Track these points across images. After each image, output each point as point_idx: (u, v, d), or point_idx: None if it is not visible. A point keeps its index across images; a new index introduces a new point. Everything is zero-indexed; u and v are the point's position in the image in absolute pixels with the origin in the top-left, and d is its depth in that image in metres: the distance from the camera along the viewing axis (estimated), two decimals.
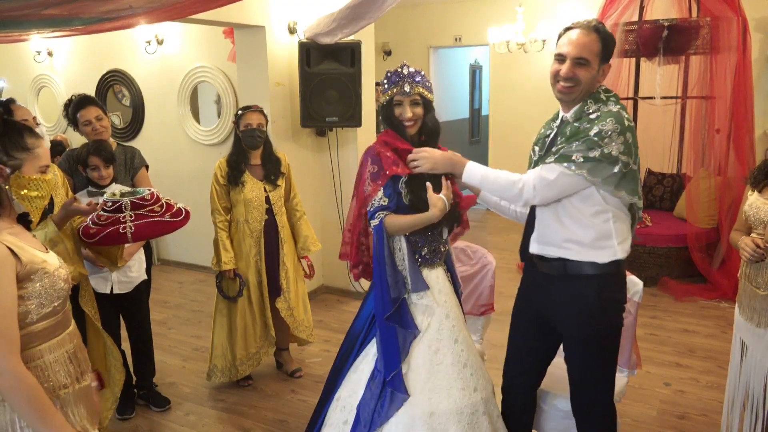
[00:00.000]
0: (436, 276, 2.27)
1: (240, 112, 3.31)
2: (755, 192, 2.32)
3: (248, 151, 3.32)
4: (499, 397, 2.39)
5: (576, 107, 2.01)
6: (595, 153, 1.87)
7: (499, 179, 2.02)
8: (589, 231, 1.97)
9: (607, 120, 1.88)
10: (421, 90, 2.18)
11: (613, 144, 1.87)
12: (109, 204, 2.28)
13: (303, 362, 3.81)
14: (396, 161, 2.17)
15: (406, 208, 2.18)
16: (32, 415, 1.42)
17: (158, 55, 5.69)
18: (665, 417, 3.11)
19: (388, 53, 8.40)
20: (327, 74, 4.28)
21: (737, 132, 5.04)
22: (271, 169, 3.36)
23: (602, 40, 1.93)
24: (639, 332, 3.55)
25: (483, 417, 2.16)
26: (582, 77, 1.93)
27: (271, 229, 3.37)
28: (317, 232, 4.92)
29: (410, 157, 2.13)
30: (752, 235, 2.25)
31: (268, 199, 3.33)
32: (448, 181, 2.17)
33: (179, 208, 2.43)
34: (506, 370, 2.37)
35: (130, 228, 2.29)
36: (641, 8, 5.43)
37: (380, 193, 2.17)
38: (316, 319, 4.56)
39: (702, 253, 4.97)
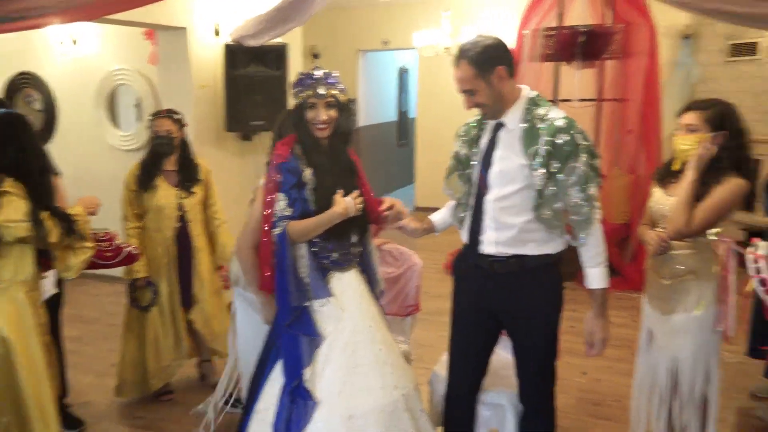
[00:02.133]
0: (348, 279, 2.27)
1: (151, 117, 3.27)
2: (659, 188, 2.47)
3: (162, 156, 3.23)
4: (424, 394, 2.43)
5: (514, 112, 2.05)
6: (598, 158, 2.04)
7: (603, 244, 2.10)
8: (542, 227, 2.08)
9: (574, 124, 2.01)
10: (335, 92, 2.18)
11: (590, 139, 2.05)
12: (101, 234, 2.67)
13: None
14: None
15: (312, 213, 2.17)
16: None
17: (73, 57, 5.43)
18: (583, 404, 3.26)
19: (317, 56, 8.38)
20: (253, 77, 4.24)
21: (647, 133, 5.34)
22: (187, 176, 3.27)
23: (471, 62, 2.00)
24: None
25: (404, 414, 2.17)
26: (481, 100, 2.03)
27: (183, 238, 3.26)
28: None
29: (594, 353, 2.17)
30: (657, 229, 2.40)
31: (180, 206, 3.23)
32: (359, 192, 2.19)
33: (129, 251, 2.88)
34: (452, 378, 2.36)
35: (136, 250, 2.86)
36: (560, 15, 5.65)
37: (283, 204, 2.15)
38: None
39: (616, 247, 5.24)
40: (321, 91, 2.16)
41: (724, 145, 2.22)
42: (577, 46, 5.31)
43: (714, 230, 2.21)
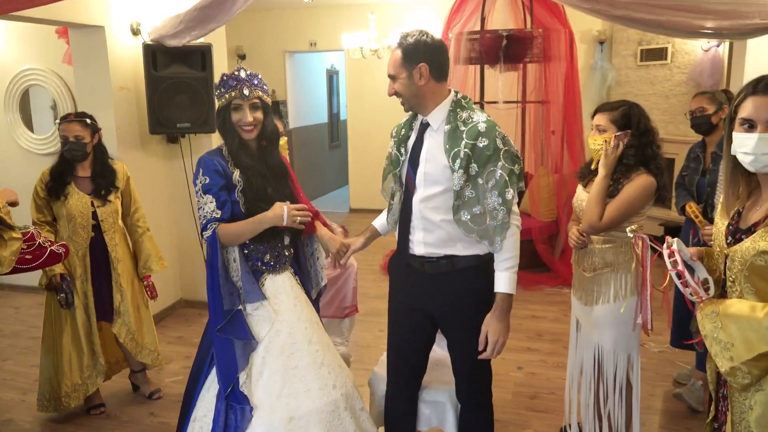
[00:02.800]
0: (282, 281, 2.24)
1: (59, 122, 3.06)
2: (581, 186, 2.57)
3: (73, 162, 3.06)
4: (363, 394, 2.42)
5: (438, 112, 2.07)
6: (519, 164, 2.04)
7: (517, 251, 2.06)
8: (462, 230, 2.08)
9: (496, 128, 2.02)
10: (260, 93, 2.16)
11: (512, 144, 2.04)
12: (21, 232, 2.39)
13: (162, 381, 3.60)
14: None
15: (243, 216, 2.13)
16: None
17: None
18: (519, 399, 3.35)
19: (243, 57, 8.21)
20: (176, 78, 4.09)
21: (569, 133, 5.57)
22: (102, 183, 3.09)
23: (403, 51, 2.03)
24: None
25: (345, 412, 2.17)
26: (399, 89, 2.07)
27: (98, 248, 3.09)
28: (173, 244, 4.70)
29: (485, 355, 2.08)
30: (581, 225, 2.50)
31: (95, 215, 3.06)
32: (302, 206, 2.16)
33: (51, 251, 2.59)
34: (391, 377, 2.37)
35: (61, 248, 2.54)
36: (482, 19, 5.80)
37: (212, 205, 2.10)
38: (176, 335, 4.34)
39: (545, 244, 5.43)
40: (246, 92, 2.13)
41: (629, 143, 2.33)
42: (500, 49, 5.47)
43: (632, 226, 2.32)
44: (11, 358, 4.05)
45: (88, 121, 3.05)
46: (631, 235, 2.28)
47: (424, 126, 2.12)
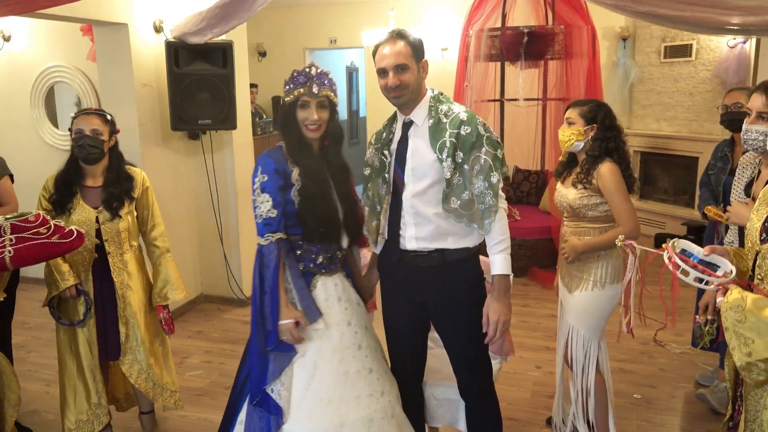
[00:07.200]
0: (334, 284, 2.21)
1: (73, 116, 2.68)
2: (559, 183, 2.67)
3: (84, 168, 2.65)
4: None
5: (420, 109, 2.13)
6: (501, 149, 2.11)
7: (507, 232, 2.11)
8: (452, 217, 2.12)
9: (476, 117, 2.11)
10: (328, 92, 2.13)
11: (493, 131, 2.13)
12: (32, 218, 2.26)
13: (182, 376, 3.64)
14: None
15: (294, 215, 2.11)
16: None
17: (5, 53, 5.18)
18: (537, 398, 3.33)
19: (263, 54, 8.26)
20: (198, 75, 4.13)
21: None
22: (115, 194, 2.64)
23: (409, 44, 2.09)
24: (512, 320, 3.75)
25: (392, 420, 2.16)
26: (407, 80, 2.08)
27: (102, 273, 2.65)
28: (193, 240, 4.75)
29: (489, 336, 2.12)
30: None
31: (99, 233, 2.61)
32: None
33: (70, 229, 2.36)
34: (394, 368, 2.39)
35: (9, 252, 2.22)
36: (503, 15, 5.76)
37: (268, 205, 2.08)
38: (196, 329, 4.38)
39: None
40: (315, 89, 2.10)
41: (595, 136, 2.49)
42: (521, 46, 5.42)
43: (620, 236, 2.31)
44: (36, 350, 4.13)
45: (109, 117, 2.69)
46: (620, 245, 2.28)
47: (408, 125, 2.16)
